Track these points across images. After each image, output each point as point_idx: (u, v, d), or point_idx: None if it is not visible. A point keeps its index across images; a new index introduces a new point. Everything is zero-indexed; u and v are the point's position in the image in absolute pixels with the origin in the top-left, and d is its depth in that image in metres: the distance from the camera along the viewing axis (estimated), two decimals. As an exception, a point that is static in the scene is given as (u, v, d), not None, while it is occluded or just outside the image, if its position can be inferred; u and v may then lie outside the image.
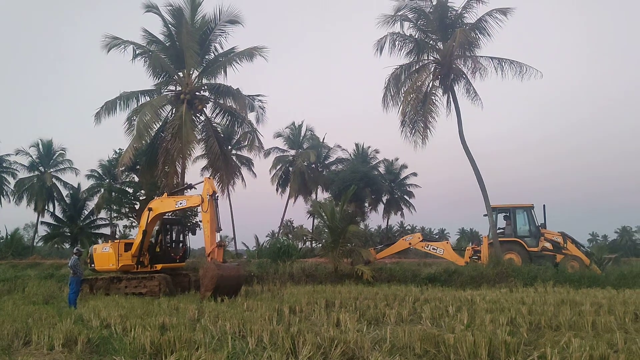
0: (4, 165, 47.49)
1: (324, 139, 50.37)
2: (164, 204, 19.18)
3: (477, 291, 16.62)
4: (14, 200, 47.24)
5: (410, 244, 25.72)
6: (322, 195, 48.43)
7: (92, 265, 20.25)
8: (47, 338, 8.38)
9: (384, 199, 49.83)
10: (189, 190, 20.17)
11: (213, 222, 17.13)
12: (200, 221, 34.47)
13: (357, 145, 50.55)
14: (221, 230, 17.72)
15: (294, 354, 7.08)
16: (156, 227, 20.04)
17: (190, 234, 21.62)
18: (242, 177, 45.56)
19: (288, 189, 48.40)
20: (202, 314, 11.46)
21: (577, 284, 18.02)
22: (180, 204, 18.67)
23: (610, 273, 20.23)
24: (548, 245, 23.24)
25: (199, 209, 17.89)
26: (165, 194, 19.89)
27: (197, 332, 8.59)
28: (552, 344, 7.55)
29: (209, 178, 18.93)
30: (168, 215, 24.18)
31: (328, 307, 12.80)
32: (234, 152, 44.08)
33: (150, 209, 19.14)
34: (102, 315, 11.30)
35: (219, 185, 31.11)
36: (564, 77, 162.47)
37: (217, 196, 17.93)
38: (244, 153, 45.44)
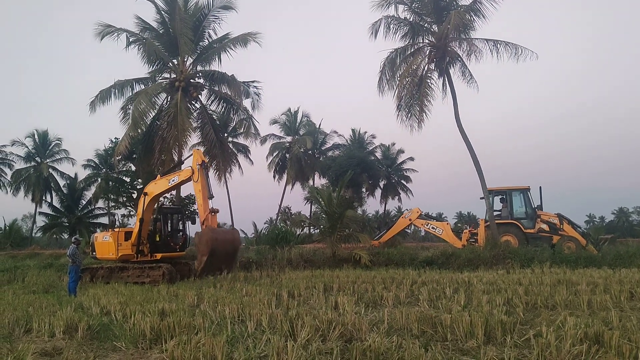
0: (0, 156, 47.35)
1: (320, 125, 50.39)
2: (157, 185, 19.30)
3: (474, 273, 16.74)
4: (12, 191, 47.31)
5: (410, 220, 25.73)
6: (319, 181, 48.55)
7: (94, 253, 20.34)
8: (48, 325, 8.44)
9: (381, 184, 49.92)
10: (180, 167, 20.22)
11: (205, 190, 17.34)
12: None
13: (353, 130, 50.55)
14: (213, 197, 17.82)
15: (293, 336, 7.14)
16: (156, 216, 20.04)
17: (190, 222, 21.69)
18: (239, 164, 45.57)
19: (285, 176, 48.46)
20: (201, 300, 11.53)
21: (574, 265, 18.17)
22: (173, 180, 18.84)
23: (606, 253, 20.39)
24: (544, 226, 23.36)
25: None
26: (159, 176, 19.96)
27: (197, 317, 8.65)
28: (547, 322, 7.64)
29: (197, 149, 19.07)
30: (165, 204, 24.15)
31: (326, 291, 12.90)
32: (230, 139, 44.04)
33: (145, 194, 19.27)
34: (102, 302, 11.37)
35: (215, 173, 31.16)
36: (561, 60, 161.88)
37: (207, 165, 18.19)
38: (241, 140, 45.51)
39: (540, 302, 9.90)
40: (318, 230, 25.92)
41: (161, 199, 31.65)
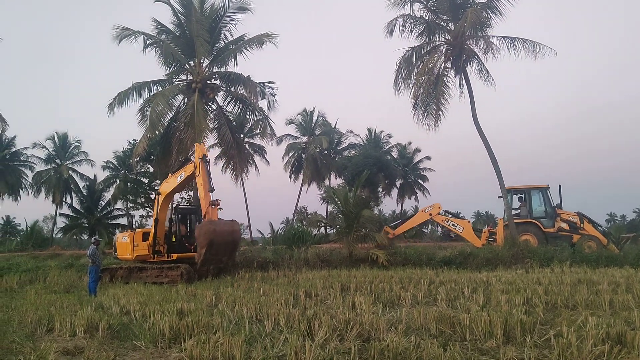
0: (22, 158, 48.11)
1: (336, 124, 50.34)
2: (168, 184, 19.71)
3: (492, 273, 16.58)
4: (33, 193, 48.02)
5: (430, 214, 25.17)
6: (335, 181, 48.54)
7: (115, 253, 20.73)
8: (70, 325, 8.57)
9: (398, 183, 49.70)
10: (187, 163, 20.50)
11: (206, 183, 17.52)
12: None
13: (369, 130, 50.43)
14: (214, 190, 18.01)
15: (310, 336, 7.15)
16: (171, 216, 20.23)
17: None
18: (255, 164, 45.77)
19: (301, 176, 48.51)
20: (219, 300, 11.62)
21: (595, 264, 17.87)
22: (180, 177, 19.16)
23: (628, 252, 20.01)
24: (564, 225, 23.00)
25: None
26: (169, 174, 20.30)
27: (215, 316, 8.72)
28: (568, 322, 7.54)
29: (199, 143, 19.33)
30: (182, 204, 24.30)
31: (343, 290, 12.89)
32: (246, 140, 44.23)
33: (158, 194, 19.60)
34: (122, 302, 11.52)
35: (232, 173, 31.36)
36: (580, 58, 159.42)
37: (208, 159, 18.48)
38: (257, 141, 45.67)
39: (561, 301, 9.77)
40: (334, 230, 25.88)
41: (179, 199, 32.01)
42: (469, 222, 26.40)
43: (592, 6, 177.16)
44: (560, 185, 23.59)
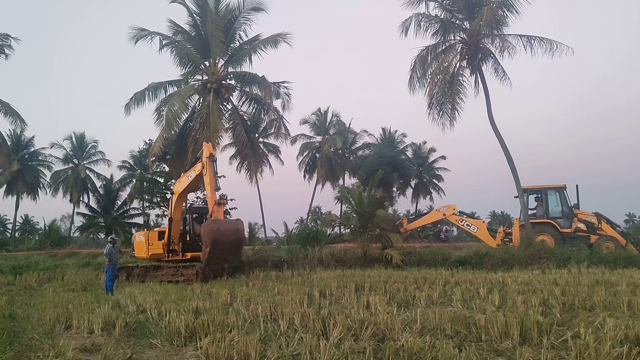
0: (40, 158, 48.92)
1: (350, 124, 50.29)
2: (180, 183, 20.02)
3: (508, 273, 16.43)
4: (51, 192, 48.79)
5: (444, 214, 25.11)
6: (349, 180, 48.49)
7: (133, 252, 21.03)
8: (87, 322, 8.68)
9: (413, 183, 49.50)
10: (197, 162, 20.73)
11: (212, 182, 17.63)
12: (230, 209, 35.03)
13: (383, 129, 50.28)
14: (220, 189, 18.28)
15: (325, 335, 7.16)
16: (185, 216, 20.42)
17: None
18: (270, 164, 45.94)
19: (315, 175, 48.56)
20: (234, 299, 11.69)
21: (613, 265, 17.62)
22: (190, 176, 19.40)
23: (646, 253, 19.73)
24: (582, 226, 22.71)
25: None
26: (182, 173, 20.57)
27: (230, 315, 8.77)
28: (586, 324, 7.45)
29: (207, 142, 19.52)
30: (198, 204, 24.40)
31: (358, 290, 12.87)
32: (261, 139, 44.39)
33: (172, 193, 19.85)
34: (138, 300, 11.63)
35: (247, 173, 31.53)
36: (598, 56, 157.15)
37: (215, 158, 18.67)
38: (271, 140, 45.84)
39: (578, 303, 9.65)
40: (349, 229, 25.86)
41: (194, 198, 32.23)
42: (483, 222, 26.23)
43: (609, 5, 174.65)
44: (577, 185, 23.33)
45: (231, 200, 35.76)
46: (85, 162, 48.59)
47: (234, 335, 6.82)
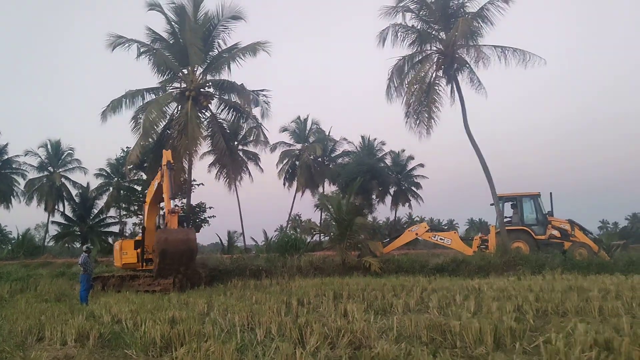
0: (14, 166, 47.87)
1: (329, 132, 50.34)
2: (149, 191, 20.06)
3: (484, 280, 16.67)
4: (25, 200, 47.74)
5: (417, 234, 25.58)
6: (329, 188, 48.50)
7: (113, 260, 20.94)
8: (60, 334, 8.54)
9: (392, 190, 49.76)
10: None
11: (168, 189, 17.45)
12: (208, 217, 34.83)
13: (363, 137, 50.43)
14: (176, 197, 18.23)
15: (302, 344, 7.18)
16: (158, 224, 20.20)
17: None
18: (249, 172, 45.68)
19: (295, 183, 48.48)
20: (211, 308, 11.60)
21: (586, 271, 18.02)
22: (155, 185, 19.34)
23: (618, 259, 20.21)
24: (556, 233, 23.17)
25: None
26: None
27: (207, 324, 8.72)
28: (557, 329, 7.61)
29: (166, 150, 19.48)
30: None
31: (336, 298, 12.90)
32: (240, 147, 44.20)
33: (144, 202, 19.74)
34: (113, 311, 11.46)
35: (226, 181, 31.40)
36: (564, 61, 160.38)
37: (173, 165, 18.55)
38: (250, 148, 45.58)
39: (551, 308, 9.85)
40: (328, 237, 25.91)
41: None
42: (455, 232, 26.84)
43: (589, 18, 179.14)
44: (551, 193, 23.81)
45: (210, 208, 35.58)
46: (60, 170, 47.72)
47: (210, 345, 6.79)
